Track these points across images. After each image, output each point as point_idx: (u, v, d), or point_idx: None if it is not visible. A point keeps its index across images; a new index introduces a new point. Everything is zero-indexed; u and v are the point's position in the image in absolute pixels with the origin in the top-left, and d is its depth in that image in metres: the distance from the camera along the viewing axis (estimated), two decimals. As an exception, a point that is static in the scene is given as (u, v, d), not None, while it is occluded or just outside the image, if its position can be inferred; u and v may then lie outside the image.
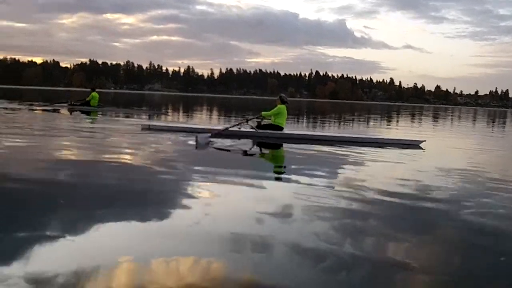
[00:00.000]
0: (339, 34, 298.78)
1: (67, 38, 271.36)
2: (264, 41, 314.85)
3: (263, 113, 11.23)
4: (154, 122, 13.82)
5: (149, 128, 11.41)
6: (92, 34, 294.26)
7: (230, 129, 10.89)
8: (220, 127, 11.68)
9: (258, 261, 2.93)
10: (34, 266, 2.74)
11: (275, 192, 5.15)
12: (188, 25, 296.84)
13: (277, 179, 6.26)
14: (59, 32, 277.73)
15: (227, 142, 9.49)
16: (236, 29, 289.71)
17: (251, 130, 10.82)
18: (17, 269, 2.67)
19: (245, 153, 8.53)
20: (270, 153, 9.44)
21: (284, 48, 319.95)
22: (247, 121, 11.08)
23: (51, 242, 3.14)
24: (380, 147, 10.00)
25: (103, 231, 3.43)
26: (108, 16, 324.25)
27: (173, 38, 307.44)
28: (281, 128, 10.94)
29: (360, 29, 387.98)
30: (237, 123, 11.46)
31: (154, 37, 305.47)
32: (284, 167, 7.52)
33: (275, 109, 10.94)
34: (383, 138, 12.02)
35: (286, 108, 11.11)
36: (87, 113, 17.99)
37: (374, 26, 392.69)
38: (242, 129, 10.88)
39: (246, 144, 9.65)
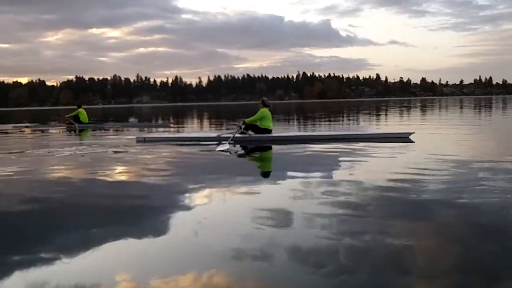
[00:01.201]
0: (325, 35, 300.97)
1: (53, 55, 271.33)
2: (251, 46, 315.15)
3: (246, 120, 11.28)
4: (149, 134, 13.92)
5: (144, 141, 11.47)
6: (79, 50, 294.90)
7: (223, 136, 11.12)
8: (214, 134, 11.86)
9: (261, 270, 2.92)
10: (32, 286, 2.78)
11: (273, 193, 5.29)
12: (174, 35, 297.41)
13: (274, 180, 6.34)
14: (44, 50, 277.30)
15: (220, 148, 9.66)
16: (223, 36, 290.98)
17: (245, 135, 10.97)
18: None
19: (240, 157, 8.77)
20: (263, 155, 9.55)
21: (271, 51, 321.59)
22: (241, 128, 11.14)
23: (47, 261, 3.15)
24: (370, 142, 10.02)
25: (101, 249, 3.41)
26: (94, 31, 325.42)
27: (160, 49, 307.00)
28: (270, 131, 11.12)
29: (345, 28, 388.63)
30: (230, 131, 11.56)
31: (141, 49, 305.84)
32: (278, 169, 7.56)
33: (258, 113, 11.07)
34: (372, 133, 12.06)
35: (270, 110, 11.26)
36: (80, 130, 17.91)
37: (359, 24, 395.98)
38: (237, 135, 11.00)
39: (240, 149, 9.93)
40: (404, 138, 10.57)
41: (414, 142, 10.02)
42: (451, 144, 10.11)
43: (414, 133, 10.98)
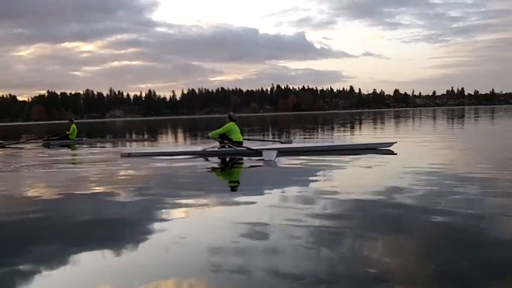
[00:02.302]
0: (299, 47, 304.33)
1: (25, 70, 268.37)
2: (226, 59, 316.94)
3: (210, 133, 11.49)
4: (133, 150, 13.72)
5: (129, 156, 11.33)
6: (51, 64, 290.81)
7: (208, 149, 11.14)
8: (199, 148, 11.78)
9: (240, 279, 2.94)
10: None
11: (251, 207, 5.19)
12: (149, 49, 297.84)
13: (254, 192, 6.18)
14: (16, 65, 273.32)
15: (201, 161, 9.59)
16: (198, 48, 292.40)
17: (231, 148, 10.97)
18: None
19: (213, 170, 8.75)
20: (238, 168, 9.44)
21: (246, 64, 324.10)
22: (221, 141, 11.21)
23: (26, 275, 3.14)
24: (351, 153, 9.94)
25: (82, 263, 3.40)
26: (67, 44, 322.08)
27: (134, 63, 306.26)
28: (241, 143, 11.25)
29: (320, 40, 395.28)
30: (213, 145, 11.50)
31: (115, 63, 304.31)
32: (262, 183, 7.45)
33: (224, 127, 11.28)
34: (353, 144, 12.04)
35: (236, 124, 11.42)
36: (67, 146, 17.41)
37: (333, 36, 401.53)
38: (216, 148, 11.14)
39: (214, 161, 9.95)
40: (386, 148, 10.61)
41: (395, 153, 10.00)
42: (429, 155, 10.13)
43: (396, 143, 10.98)
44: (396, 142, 11.00)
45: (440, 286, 2.76)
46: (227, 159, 10.48)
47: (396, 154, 9.90)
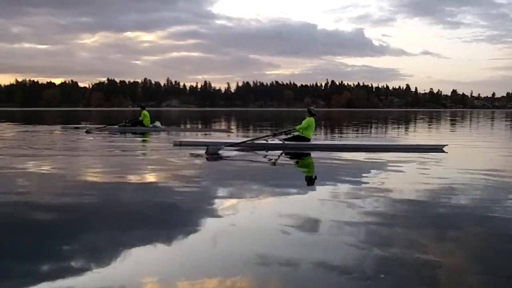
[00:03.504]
0: (357, 43, 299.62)
1: (88, 57, 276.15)
2: (283, 53, 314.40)
3: (297, 127, 11.61)
4: (185, 139, 14.09)
5: (180, 145, 11.82)
6: (113, 53, 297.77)
7: (256, 142, 11.40)
8: (248, 139, 12.11)
9: (286, 278, 2.99)
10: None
11: (305, 200, 5.43)
12: (207, 40, 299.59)
13: (307, 187, 6.48)
14: (79, 52, 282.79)
15: (251, 155, 9.98)
16: (256, 42, 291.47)
17: (279, 142, 11.19)
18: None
19: (274, 164, 8.99)
20: (299, 162, 9.65)
21: (303, 59, 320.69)
22: (274, 135, 11.51)
23: (75, 262, 3.28)
24: (404, 152, 10.23)
25: (129, 253, 3.50)
26: (129, 34, 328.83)
27: (193, 54, 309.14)
28: (308, 139, 11.38)
29: (378, 37, 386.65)
30: (263, 135, 11.92)
31: (174, 54, 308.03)
32: (314, 177, 7.68)
33: (305, 121, 11.38)
34: (406, 145, 12.18)
35: (315, 120, 11.56)
36: (141, 133, 17.67)
37: (392, 33, 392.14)
38: (270, 141, 11.31)
39: (275, 155, 10.14)
40: (438, 150, 10.72)
41: (447, 153, 10.13)
42: (483, 159, 10.02)
43: (447, 145, 11.10)
44: (447, 145, 11.13)
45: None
46: (281, 152, 10.64)
47: (446, 154, 10.01)
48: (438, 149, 10.80)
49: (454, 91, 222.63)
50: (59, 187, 6.18)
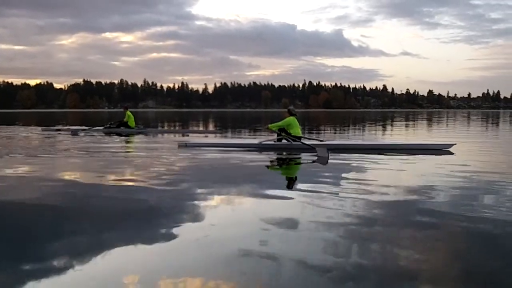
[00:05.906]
0: (337, 44, 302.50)
1: (67, 58, 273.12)
2: (263, 54, 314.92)
3: (269, 125, 11.72)
4: (190, 140, 13.75)
5: (185, 146, 11.54)
6: (92, 54, 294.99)
7: (264, 142, 11.49)
8: (255, 141, 12.10)
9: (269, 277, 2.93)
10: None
11: (315, 198, 5.29)
12: (187, 41, 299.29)
13: (309, 186, 6.10)
14: (58, 53, 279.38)
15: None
16: (236, 43, 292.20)
17: (287, 142, 11.17)
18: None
19: (267, 163, 9.11)
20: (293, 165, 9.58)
21: (283, 60, 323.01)
22: (279, 134, 11.49)
23: (56, 262, 3.19)
24: (409, 153, 9.89)
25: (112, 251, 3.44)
26: (108, 35, 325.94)
27: (173, 55, 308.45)
28: (300, 138, 11.35)
29: (358, 38, 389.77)
30: (270, 138, 12.08)
31: (154, 54, 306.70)
32: (295, 178, 7.65)
33: (283, 120, 11.42)
34: (410, 144, 11.71)
35: (296, 118, 11.55)
36: (126, 135, 17.37)
37: (371, 34, 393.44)
38: (272, 142, 11.42)
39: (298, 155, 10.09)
40: (445, 149, 10.52)
41: (455, 154, 9.95)
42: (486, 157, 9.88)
43: (455, 144, 10.77)
44: (455, 144, 10.78)
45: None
46: (284, 153, 10.62)
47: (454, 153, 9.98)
48: (445, 149, 10.54)
49: (430, 92, 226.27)
50: (82, 193, 5.82)
